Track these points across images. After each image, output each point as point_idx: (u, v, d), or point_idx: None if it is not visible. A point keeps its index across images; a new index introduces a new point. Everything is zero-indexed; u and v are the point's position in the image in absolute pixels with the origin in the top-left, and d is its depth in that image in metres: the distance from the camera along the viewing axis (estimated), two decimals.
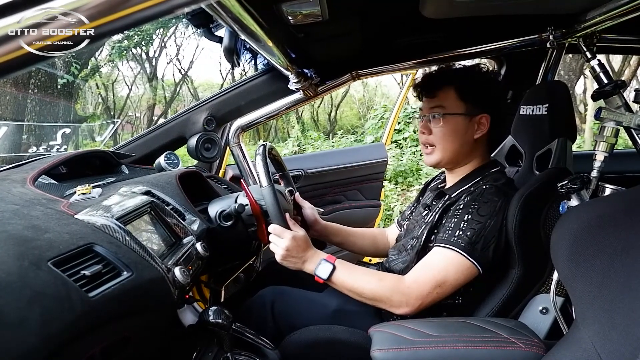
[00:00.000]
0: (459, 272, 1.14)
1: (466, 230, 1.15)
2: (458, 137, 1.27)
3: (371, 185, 2.42)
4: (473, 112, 1.27)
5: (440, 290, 1.14)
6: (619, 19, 1.18)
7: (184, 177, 1.29)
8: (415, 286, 1.15)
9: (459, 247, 1.13)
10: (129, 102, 12.60)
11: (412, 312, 1.14)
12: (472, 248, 1.13)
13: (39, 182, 1.04)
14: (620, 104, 1.23)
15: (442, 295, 1.15)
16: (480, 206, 1.17)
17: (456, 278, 1.14)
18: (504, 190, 1.20)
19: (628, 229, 0.75)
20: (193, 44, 14.97)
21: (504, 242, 1.17)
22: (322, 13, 1.09)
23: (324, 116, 14.16)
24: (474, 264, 1.13)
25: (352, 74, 1.76)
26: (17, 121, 6.27)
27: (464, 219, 1.17)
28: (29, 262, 0.57)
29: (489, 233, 1.14)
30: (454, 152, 1.29)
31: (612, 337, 0.69)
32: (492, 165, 1.32)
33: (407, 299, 1.14)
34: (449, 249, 1.15)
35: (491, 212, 1.16)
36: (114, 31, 0.50)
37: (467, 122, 1.27)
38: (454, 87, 1.28)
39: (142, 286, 0.72)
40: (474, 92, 1.28)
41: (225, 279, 1.49)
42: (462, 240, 1.14)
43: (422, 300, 1.14)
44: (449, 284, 1.14)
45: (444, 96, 1.28)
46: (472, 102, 1.27)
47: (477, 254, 1.13)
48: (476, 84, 1.29)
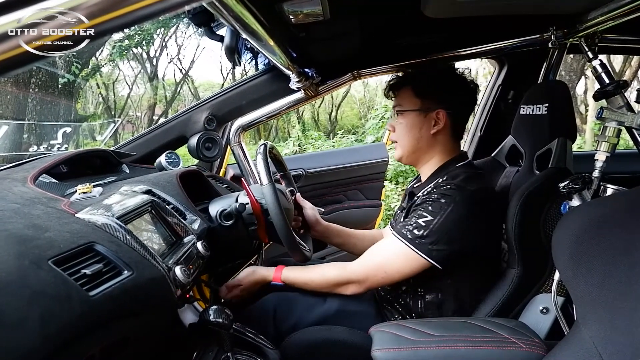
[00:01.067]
0: (405, 261, 1.19)
1: (415, 225, 1.19)
2: (414, 132, 1.33)
3: (372, 185, 2.42)
4: (428, 108, 1.31)
5: (386, 275, 1.22)
6: (621, 19, 1.17)
7: (184, 176, 1.29)
8: (361, 270, 1.25)
9: (405, 239, 1.19)
10: (129, 101, 12.60)
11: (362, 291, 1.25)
12: (420, 242, 1.17)
13: (40, 181, 1.04)
14: (622, 104, 1.23)
15: (389, 280, 1.22)
16: (431, 202, 1.20)
17: (403, 267, 1.20)
18: (459, 186, 1.20)
19: (630, 229, 0.75)
20: (194, 43, 14.96)
21: (471, 243, 1.19)
22: (323, 12, 1.09)
23: (325, 116, 14.15)
24: (423, 257, 1.17)
25: (353, 74, 1.76)
26: (18, 120, 6.27)
27: (416, 215, 1.21)
28: (29, 261, 0.56)
29: (438, 229, 1.16)
30: (412, 147, 1.34)
31: (614, 337, 0.69)
32: (457, 160, 1.33)
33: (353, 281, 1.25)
34: (398, 239, 1.21)
35: (440, 208, 1.18)
36: (113, 29, 0.50)
37: (422, 118, 1.32)
38: (411, 84, 1.35)
39: (143, 285, 0.72)
40: (428, 88, 1.33)
41: (226, 279, 1.49)
42: (410, 234, 1.19)
43: (369, 283, 1.24)
44: (396, 271, 1.21)
45: (402, 94, 1.37)
46: (427, 98, 1.32)
47: (426, 248, 1.16)
48: (430, 81, 1.35)
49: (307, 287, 1.31)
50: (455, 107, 1.33)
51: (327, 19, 1.14)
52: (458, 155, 1.35)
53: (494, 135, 1.94)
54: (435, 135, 1.32)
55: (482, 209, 1.20)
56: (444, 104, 1.31)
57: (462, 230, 1.17)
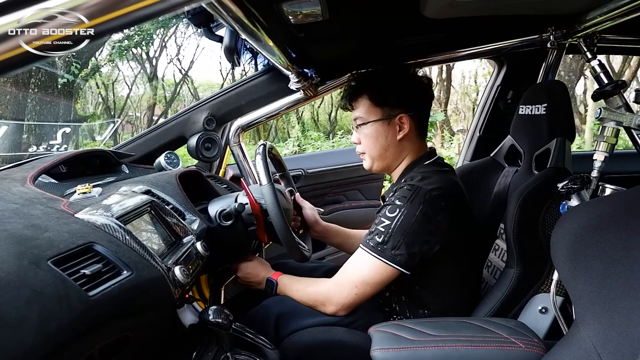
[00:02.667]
0: (373, 271, 1.17)
1: (375, 232, 1.18)
2: (380, 141, 1.31)
3: (371, 185, 2.42)
4: (390, 115, 1.30)
5: (358, 290, 1.19)
6: (620, 19, 1.18)
7: (184, 176, 1.29)
8: (335, 289, 1.22)
9: (369, 248, 1.17)
10: (129, 102, 12.60)
11: (341, 312, 1.22)
12: (382, 248, 1.16)
13: (39, 181, 1.04)
14: (621, 104, 1.23)
15: (363, 295, 1.19)
16: (390, 206, 1.19)
17: (372, 277, 1.17)
18: (413, 186, 1.18)
19: (628, 229, 0.75)
20: (193, 44, 15.00)
21: (436, 242, 1.17)
22: (322, 13, 1.09)
23: (324, 116, 14.14)
24: (388, 263, 1.15)
25: (352, 74, 1.76)
26: (18, 120, 6.27)
27: (377, 221, 1.20)
28: (28, 261, 0.56)
29: (397, 232, 1.14)
30: (381, 156, 1.33)
31: (612, 337, 0.69)
32: (424, 159, 1.32)
33: (329, 301, 1.22)
34: (363, 250, 1.19)
35: (396, 211, 1.16)
36: (113, 30, 0.50)
37: (386, 126, 1.30)
38: (367, 94, 1.32)
39: (142, 285, 0.72)
40: (386, 95, 1.30)
41: (225, 279, 1.49)
42: (372, 242, 1.17)
43: (343, 301, 1.20)
44: (367, 283, 1.18)
45: (361, 105, 1.34)
46: (388, 105, 1.30)
47: (388, 254, 1.14)
48: (387, 87, 1.32)
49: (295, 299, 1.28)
50: (416, 108, 1.32)
51: (326, 19, 1.14)
52: (425, 153, 1.34)
53: (493, 135, 1.94)
54: (401, 140, 1.31)
55: (437, 207, 1.16)
56: (404, 108, 1.29)
57: (418, 232, 1.15)
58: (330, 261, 2.20)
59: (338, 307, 1.21)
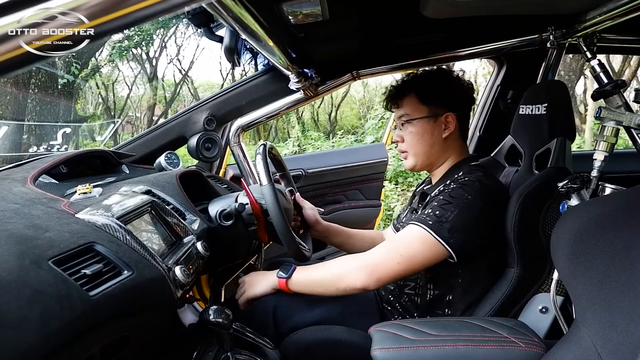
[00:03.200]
0: (425, 248, 1.14)
1: (435, 210, 1.17)
2: (426, 139, 1.32)
3: (371, 185, 2.42)
4: (436, 113, 1.31)
5: (401, 262, 1.14)
6: (619, 19, 1.18)
7: (184, 176, 1.29)
8: (375, 255, 1.17)
9: (425, 224, 1.15)
10: (129, 102, 12.60)
11: (372, 282, 1.14)
12: (440, 227, 1.13)
13: (40, 182, 1.04)
14: (620, 103, 1.23)
15: (403, 270, 1.15)
16: (450, 191, 1.20)
17: (420, 253, 1.14)
18: (478, 179, 1.20)
19: (628, 228, 0.75)
20: (193, 44, 15.00)
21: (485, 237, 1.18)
22: (322, 13, 1.10)
23: (324, 116, 14.15)
24: (441, 243, 1.13)
25: (352, 74, 1.76)
26: (18, 121, 6.27)
27: (433, 204, 1.19)
28: (29, 260, 0.57)
29: (456, 218, 1.14)
30: (426, 154, 1.34)
31: (613, 336, 0.69)
32: (469, 160, 1.35)
33: (365, 267, 1.15)
34: (415, 225, 1.17)
35: (462, 197, 1.17)
36: (113, 30, 0.50)
37: (432, 124, 1.32)
38: (415, 92, 1.33)
39: (143, 285, 0.72)
40: (433, 93, 1.32)
41: (225, 279, 1.49)
42: (429, 219, 1.16)
43: (382, 269, 1.14)
44: (412, 258, 1.14)
45: (407, 103, 1.35)
46: (433, 103, 1.31)
47: (445, 234, 1.13)
48: (434, 86, 1.34)
49: (314, 287, 1.23)
50: (461, 108, 1.34)
51: (326, 19, 1.14)
52: (470, 156, 1.37)
53: (493, 135, 1.94)
54: (446, 139, 1.33)
55: (496, 204, 1.20)
56: (450, 107, 1.32)
57: (477, 222, 1.16)
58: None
59: (372, 275, 1.14)
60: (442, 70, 1.42)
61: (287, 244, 1.22)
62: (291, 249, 1.23)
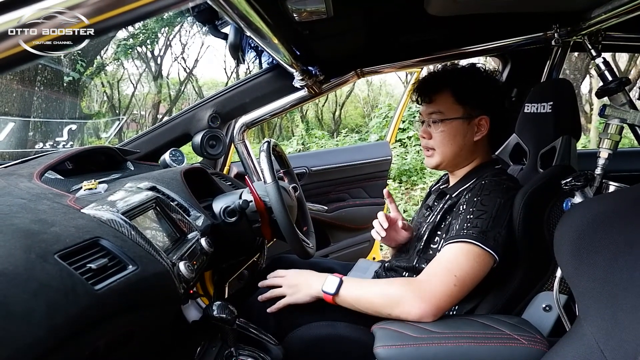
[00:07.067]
0: (475, 263, 1.08)
1: (474, 221, 1.12)
2: (457, 140, 1.27)
3: (375, 184, 2.42)
4: (471, 115, 1.26)
5: (457, 284, 1.06)
6: (625, 17, 1.17)
7: (188, 173, 1.30)
8: (427, 281, 1.08)
9: (470, 238, 1.09)
10: (134, 100, 12.63)
11: (430, 311, 1.05)
12: (485, 237, 1.09)
13: (46, 177, 1.05)
14: (625, 101, 1.23)
15: (462, 290, 1.08)
16: (482, 198, 1.16)
17: (473, 269, 1.08)
18: (505, 184, 1.18)
19: (631, 225, 0.75)
20: (198, 42, 14.99)
21: (509, 236, 1.15)
22: (327, 10, 1.09)
23: (329, 115, 14.14)
24: (489, 252, 1.08)
25: (356, 72, 1.76)
26: (24, 117, 6.30)
27: (470, 213, 1.14)
28: (35, 254, 0.57)
29: (495, 223, 1.11)
30: (454, 155, 1.29)
31: (615, 333, 0.69)
32: (493, 163, 1.31)
33: (421, 294, 1.06)
34: (460, 243, 1.10)
35: (494, 202, 1.14)
36: (114, 27, 0.51)
37: (465, 126, 1.26)
38: (451, 90, 1.26)
39: (147, 280, 0.73)
40: (471, 94, 1.26)
41: (229, 275, 1.50)
42: (473, 232, 1.10)
43: (439, 296, 1.06)
44: (467, 276, 1.07)
45: (441, 100, 1.27)
46: (470, 104, 1.26)
47: (491, 243, 1.09)
48: (473, 86, 1.27)
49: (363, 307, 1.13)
50: (495, 112, 1.28)
51: (330, 17, 1.14)
52: (494, 159, 1.34)
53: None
54: (476, 142, 1.29)
55: (521, 206, 1.16)
56: (485, 110, 1.27)
57: (508, 223, 1.13)
58: (334, 259, 2.21)
59: (430, 305, 1.05)
60: (477, 69, 1.33)
61: (291, 241, 1.22)
62: (294, 246, 1.23)
